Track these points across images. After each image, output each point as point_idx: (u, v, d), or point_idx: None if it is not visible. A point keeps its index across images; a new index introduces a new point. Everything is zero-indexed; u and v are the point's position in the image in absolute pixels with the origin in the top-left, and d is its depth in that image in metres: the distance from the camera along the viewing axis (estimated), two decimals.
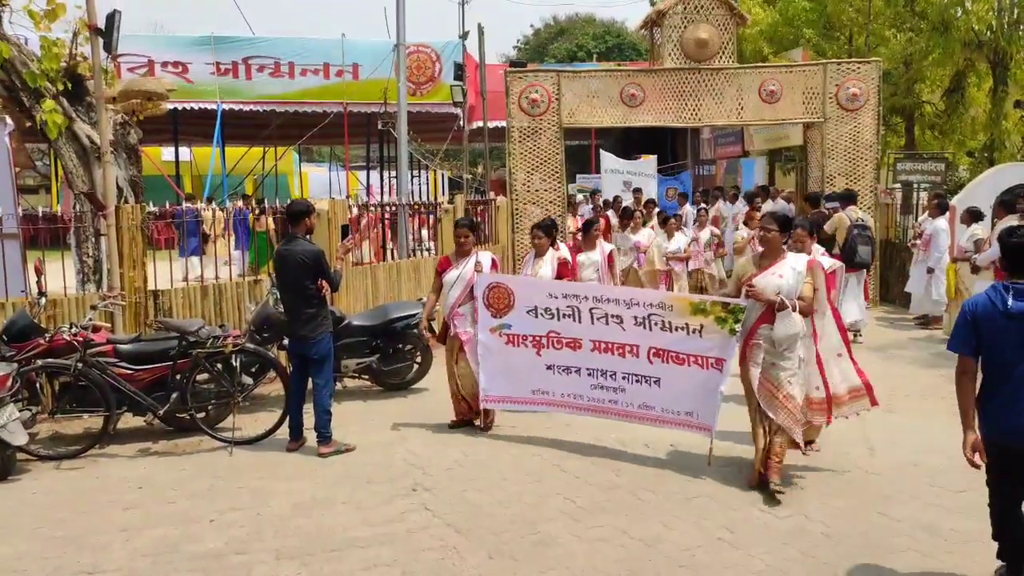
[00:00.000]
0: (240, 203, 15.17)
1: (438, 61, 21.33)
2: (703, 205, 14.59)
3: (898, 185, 14.42)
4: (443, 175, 29.43)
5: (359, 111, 21.16)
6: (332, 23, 76.87)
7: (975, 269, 9.18)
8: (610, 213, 13.82)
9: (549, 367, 6.12)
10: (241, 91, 20.57)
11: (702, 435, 5.62)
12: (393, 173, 20.59)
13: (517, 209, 12.42)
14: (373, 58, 20.34)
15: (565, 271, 7.25)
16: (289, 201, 6.95)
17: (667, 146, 27.54)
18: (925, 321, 11.06)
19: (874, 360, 9.13)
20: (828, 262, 5.96)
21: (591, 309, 5.85)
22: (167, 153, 24.43)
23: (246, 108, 20.68)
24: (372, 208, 11.77)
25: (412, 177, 21.71)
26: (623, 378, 5.83)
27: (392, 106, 16.18)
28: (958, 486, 5.36)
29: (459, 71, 19.26)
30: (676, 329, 5.53)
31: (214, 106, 19.88)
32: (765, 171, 24.03)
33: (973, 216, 9.70)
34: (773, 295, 5.08)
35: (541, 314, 6.09)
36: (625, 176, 16.94)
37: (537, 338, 6.15)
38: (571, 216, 15.47)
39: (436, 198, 21.14)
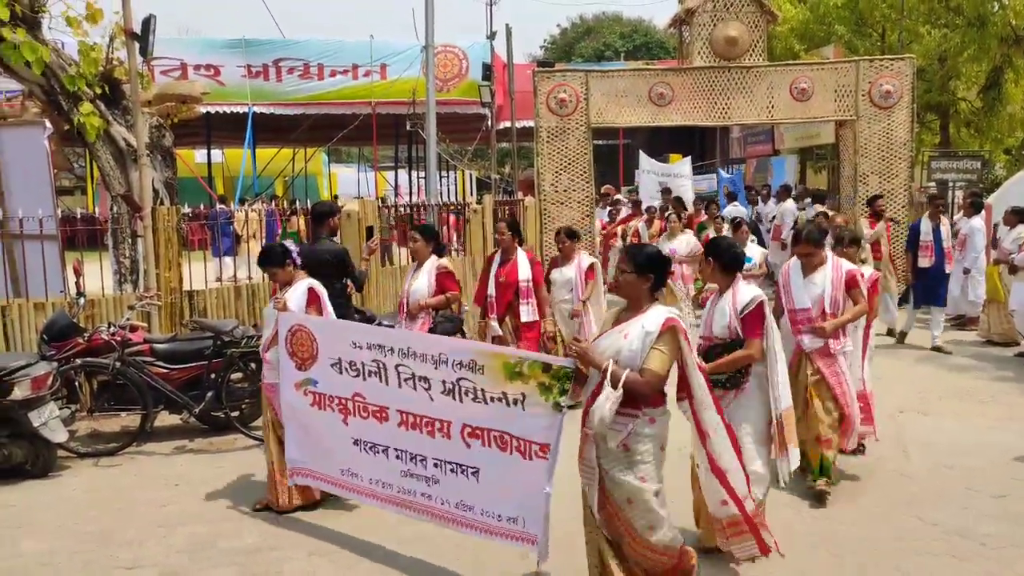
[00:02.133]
0: (260, 205, 15.34)
1: (465, 60, 21.42)
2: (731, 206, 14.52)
3: (933, 184, 14.20)
4: (471, 175, 29.53)
5: (387, 112, 21.30)
6: (361, 25, 77.55)
7: (1013, 270, 9.02)
8: (641, 225, 13.65)
9: (356, 441, 4.48)
10: (272, 93, 20.83)
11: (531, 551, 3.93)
12: (421, 173, 20.73)
13: (545, 209, 12.42)
14: (401, 59, 20.49)
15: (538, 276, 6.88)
16: (314, 203, 7.09)
17: (696, 145, 27.41)
18: (961, 322, 10.88)
19: (909, 361, 9.01)
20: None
21: (397, 367, 4.20)
22: (200, 155, 24.79)
23: (277, 110, 20.91)
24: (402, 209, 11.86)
25: (440, 177, 21.83)
26: (435, 465, 4.15)
27: (420, 105, 16.27)
28: (994, 490, 5.28)
29: (487, 71, 19.32)
30: (492, 400, 3.87)
31: (245, 109, 20.13)
32: (796, 170, 23.82)
33: (1020, 216, 9.54)
34: (602, 360, 3.57)
35: (346, 369, 4.47)
36: (660, 177, 16.92)
37: (343, 401, 4.51)
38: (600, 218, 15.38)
39: (464, 198, 21.23)
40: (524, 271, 6.79)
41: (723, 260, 4.37)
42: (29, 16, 7.81)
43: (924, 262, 9.79)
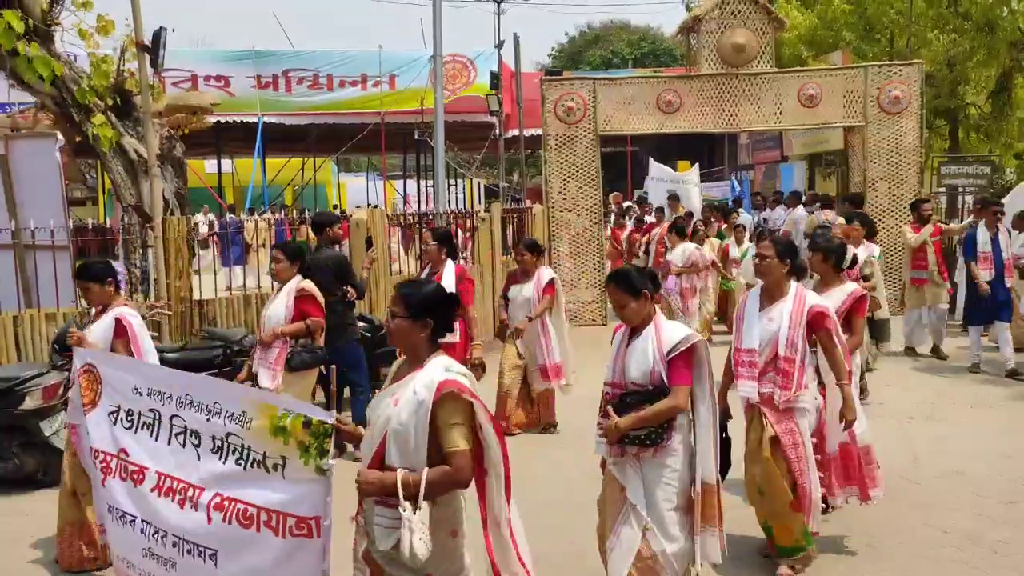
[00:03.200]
0: (269, 215, 15.42)
1: (473, 68, 21.50)
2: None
3: (942, 189, 14.15)
4: (479, 184, 29.60)
5: (396, 121, 21.40)
6: (370, 35, 77.94)
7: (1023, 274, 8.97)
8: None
9: (110, 508, 3.60)
10: (281, 103, 20.95)
11: None
12: (430, 182, 20.80)
13: (553, 217, 12.44)
14: (410, 68, 20.57)
15: (466, 291, 6.13)
16: (314, 213, 7.24)
17: (704, 152, 27.39)
18: None
19: (920, 367, 8.96)
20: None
21: (172, 418, 3.38)
22: (210, 165, 24.95)
23: (286, 120, 21.04)
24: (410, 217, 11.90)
25: (449, 186, 21.89)
26: (174, 544, 3.24)
27: (428, 114, 16.34)
28: (1006, 496, 5.25)
29: (495, 80, 19.39)
30: (254, 463, 3.05)
31: (255, 119, 20.26)
32: (805, 176, 23.78)
33: None
34: (354, 429, 2.97)
35: (121, 419, 3.64)
36: (669, 185, 16.90)
37: (107, 458, 3.64)
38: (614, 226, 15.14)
39: (472, 207, 21.28)
40: (448, 286, 5.77)
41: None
42: (42, 29, 7.91)
43: (983, 275, 8.62)
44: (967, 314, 9.39)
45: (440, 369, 2.78)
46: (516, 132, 20.72)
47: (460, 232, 12.18)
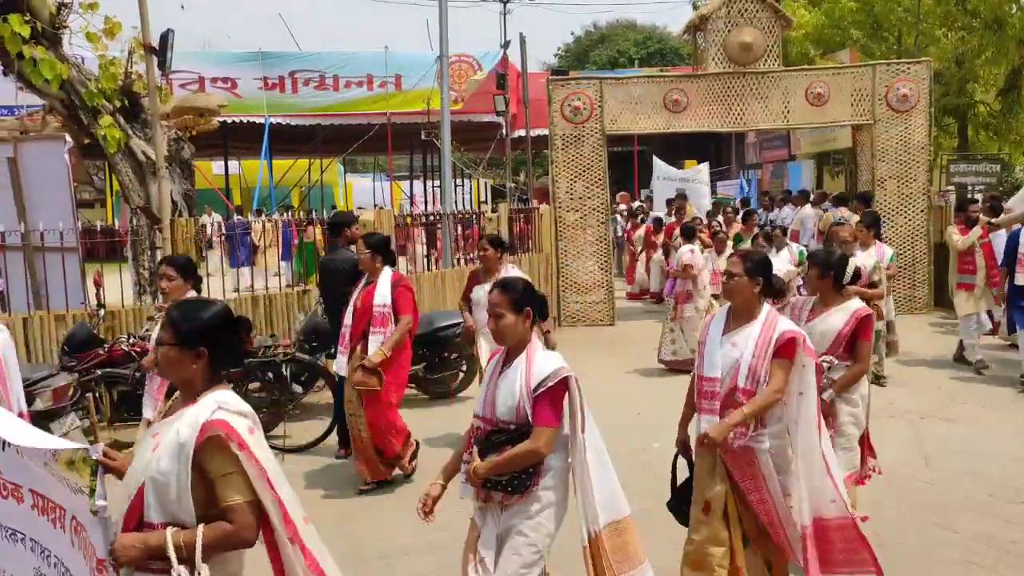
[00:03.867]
0: (276, 216, 15.43)
1: (479, 69, 21.50)
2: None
3: (951, 187, 14.08)
4: (486, 184, 29.60)
5: (402, 122, 21.42)
6: (375, 36, 78.11)
7: None
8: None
9: None
10: (288, 104, 20.99)
11: None
12: (436, 182, 20.82)
13: (560, 217, 12.43)
14: (416, 69, 20.59)
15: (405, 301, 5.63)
16: (331, 214, 7.16)
17: (712, 151, 27.33)
18: None
19: (930, 366, 8.92)
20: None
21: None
22: (217, 167, 25.01)
23: (293, 121, 21.09)
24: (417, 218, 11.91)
25: (455, 186, 21.89)
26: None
27: (435, 115, 16.35)
28: (1018, 497, 5.21)
29: (501, 80, 19.38)
30: (51, 507, 2.55)
31: (262, 120, 20.31)
32: (813, 175, 23.70)
33: None
34: (122, 463, 2.45)
35: None
36: (678, 184, 16.85)
37: None
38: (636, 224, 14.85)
39: (479, 207, 21.28)
40: (381, 294, 5.54)
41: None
42: (49, 32, 7.93)
43: (1021, 279, 8.03)
44: (1009, 319, 8.86)
45: (209, 407, 2.29)
46: (523, 132, 20.71)
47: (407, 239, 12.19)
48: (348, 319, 5.69)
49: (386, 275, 5.66)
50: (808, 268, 4.45)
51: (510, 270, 6.10)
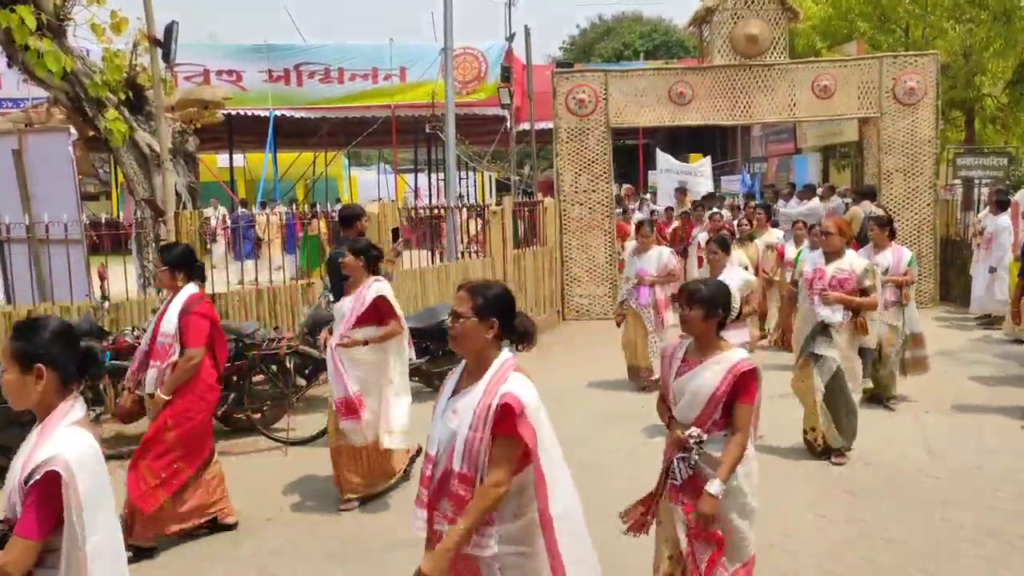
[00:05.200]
0: (281, 208, 15.44)
1: (484, 62, 21.44)
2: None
3: (958, 181, 14.01)
4: (491, 177, 29.56)
5: (407, 115, 21.39)
6: (380, 28, 77.86)
7: None
8: (702, 236, 10.72)
9: None
10: (293, 97, 20.96)
11: None
12: (441, 175, 20.81)
13: (565, 210, 12.41)
14: (420, 62, 20.53)
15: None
16: (341, 206, 7.09)
17: (717, 144, 27.24)
18: (988, 321, 10.71)
19: (935, 360, 8.88)
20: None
21: None
22: (222, 160, 25.01)
23: (297, 114, 21.07)
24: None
25: (460, 179, 21.84)
26: None
27: (440, 108, 16.32)
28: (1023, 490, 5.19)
29: (506, 73, 19.33)
30: None
31: (267, 113, 20.30)
32: (819, 168, 23.63)
33: None
34: None
35: None
36: (680, 176, 16.80)
37: None
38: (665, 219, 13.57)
39: (484, 200, 21.25)
40: (168, 320, 4.73)
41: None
42: (54, 24, 7.92)
43: None
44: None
45: (62, 438, 2.27)
46: (527, 125, 20.67)
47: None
48: (145, 344, 4.85)
49: (182, 295, 4.77)
50: (686, 303, 3.36)
51: (374, 287, 5.22)
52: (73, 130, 8.74)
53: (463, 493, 2.62)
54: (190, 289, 4.80)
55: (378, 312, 5.15)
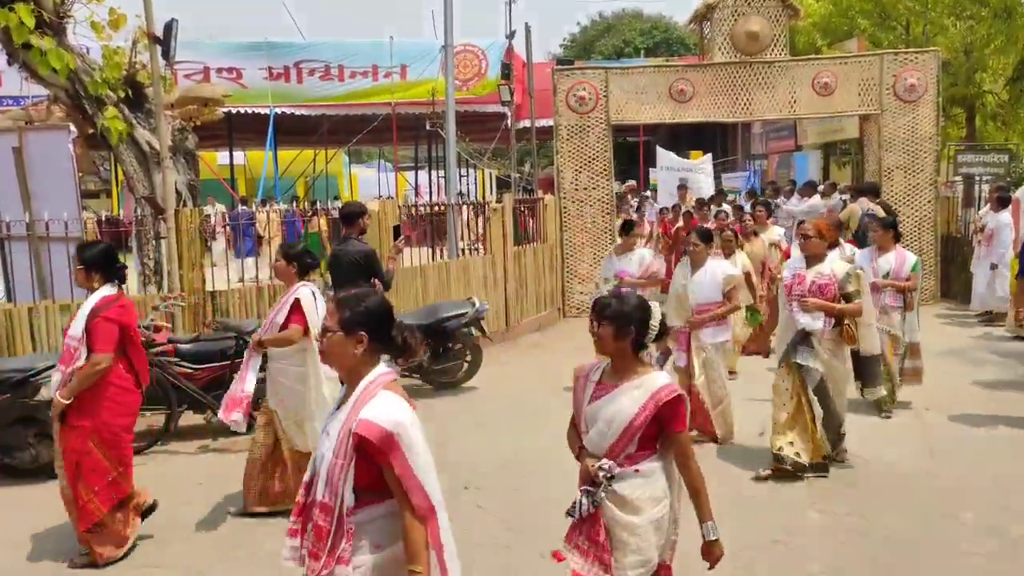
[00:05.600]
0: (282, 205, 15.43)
1: (485, 59, 21.42)
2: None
3: (959, 178, 14.00)
4: (491, 174, 29.54)
5: (407, 112, 21.38)
6: (380, 26, 77.97)
7: None
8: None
9: None
10: (293, 95, 20.94)
11: None
12: (441, 173, 20.80)
13: (565, 208, 12.40)
14: (420, 59, 20.51)
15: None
16: (343, 203, 7.08)
17: (717, 142, 27.22)
18: (989, 318, 10.71)
19: (936, 357, 8.88)
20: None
21: None
22: (222, 157, 25.00)
23: (298, 112, 21.06)
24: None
25: (460, 177, 21.82)
26: None
27: (440, 105, 16.31)
28: None
29: (506, 70, 19.31)
30: None
31: (267, 110, 20.29)
32: (819, 165, 23.61)
33: None
34: None
35: None
36: (680, 173, 16.78)
37: None
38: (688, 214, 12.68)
39: (484, 197, 21.24)
40: (76, 323, 4.51)
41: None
42: (55, 22, 7.90)
43: None
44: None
45: None
46: (528, 122, 20.65)
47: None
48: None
49: (92, 299, 4.53)
50: (596, 318, 3.00)
51: (300, 291, 5.10)
52: (73, 128, 8.73)
53: (323, 524, 2.43)
54: (104, 291, 4.55)
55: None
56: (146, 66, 8.45)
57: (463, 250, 11.37)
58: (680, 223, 12.95)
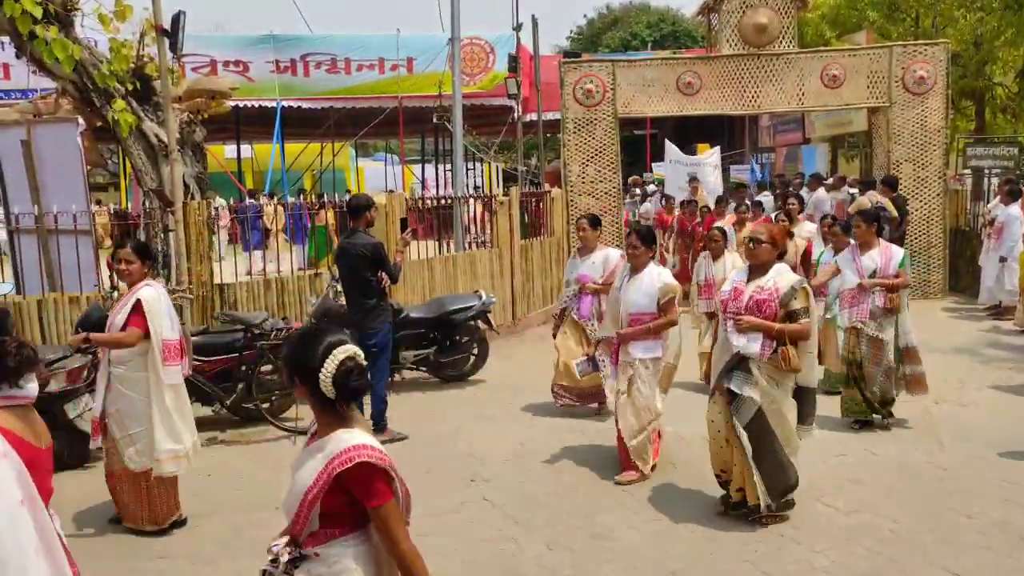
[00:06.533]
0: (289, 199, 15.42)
1: (492, 53, 21.38)
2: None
3: (968, 171, 13.92)
4: (498, 167, 29.53)
5: (414, 105, 21.36)
6: (387, 19, 77.88)
7: None
8: (728, 229, 9.38)
9: None
10: (300, 88, 20.95)
11: None
12: (448, 166, 20.79)
13: (572, 201, 12.38)
14: (427, 52, 20.48)
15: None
16: (350, 196, 7.09)
17: (725, 134, 27.10)
18: (997, 312, 10.66)
19: (944, 351, 8.85)
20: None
21: None
22: (229, 150, 25.03)
23: (304, 105, 21.07)
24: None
25: (467, 170, 21.79)
26: None
27: (447, 99, 16.29)
28: None
29: (513, 63, 19.25)
30: None
31: (274, 104, 20.31)
32: (827, 158, 23.50)
33: None
34: None
35: None
36: (689, 168, 16.74)
37: None
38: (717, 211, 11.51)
39: (491, 190, 21.22)
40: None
41: None
42: (62, 14, 7.92)
43: None
44: None
45: None
46: (534, 116, 20.60)
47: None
48: None
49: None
50: (287, 373, 2.49)
51: (144, 292, 4.78)
52: (81, 120, 8.75)
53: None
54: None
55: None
56: (154, 59, 8.45)
57: (470, 243, 11.37)
58: (698, 219, 12.15)
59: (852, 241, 6.66)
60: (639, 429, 5.36)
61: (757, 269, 4.67)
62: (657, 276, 5.41)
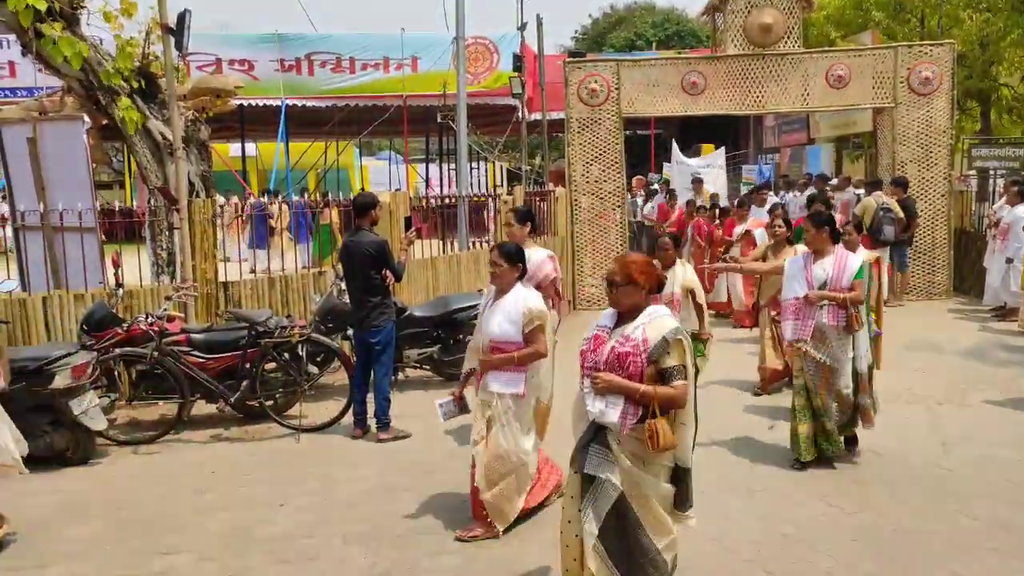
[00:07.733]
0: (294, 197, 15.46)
1: (496, 52, 21.40)
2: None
3: (973, 171, 13.90)
4: (502, 167, 29.52)
5: (418, 104, 21.39)
6: (391, 18, 77.83)
7: None
8: (759, 232, 9.41)
9: None
10: (304, 87, 21.01)
11: None
12: (452, 165, 20.78)
13: (576, 200, 12.38)
14: (432, 51, 20.53)
15: None
16: (355, 195, 7.10)
17: (729, 135, 27.06)
18: (1002, 313, 10.64)
19: (948, 352, 8.84)
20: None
21: None
22: (234, 149, 25.09)
23: (309, 104, 21.11)
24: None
25: (471, 169, 21.81)
26: None
27: (451, 98, 16.29)
28: None
29: (518, 62, 19.26)
30: None
31: (279, 102, 20.35)
32: (832, 158, 23.47)
33: None
34: None
35: None
36: (694, 168, 16.76)
37: None
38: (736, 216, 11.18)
39: (495, 190, 21.23)
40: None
41: None
42: (67, 12, 7.94)
43: None
44: None
45: None
46: (539, 115, 20.61)
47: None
48: None
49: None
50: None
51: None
52: (87, 118, 8.77)
53: None
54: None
55: None
56: (159, 57, 8.48)
57: (473, 243, 11.38)
58: (717, 222, 11.81)
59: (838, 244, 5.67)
60: (498, 476, 4.56)
61: (624, 315, 3.51)
62: (523, 300, 4.54)
